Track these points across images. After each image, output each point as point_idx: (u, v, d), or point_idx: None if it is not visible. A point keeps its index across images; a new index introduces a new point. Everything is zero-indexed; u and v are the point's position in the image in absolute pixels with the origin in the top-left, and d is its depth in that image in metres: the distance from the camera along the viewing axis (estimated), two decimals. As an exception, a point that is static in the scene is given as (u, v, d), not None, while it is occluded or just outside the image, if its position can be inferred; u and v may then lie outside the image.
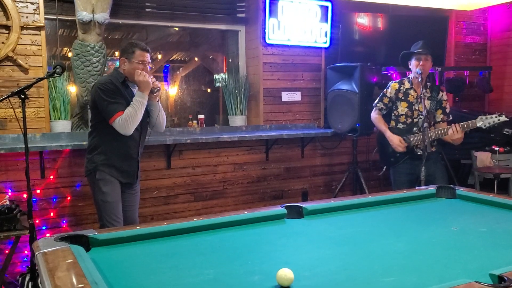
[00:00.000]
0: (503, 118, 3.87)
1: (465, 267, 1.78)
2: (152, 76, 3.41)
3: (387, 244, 2.09)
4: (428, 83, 4.24)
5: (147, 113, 3.50)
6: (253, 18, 5.38)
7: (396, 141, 4.18)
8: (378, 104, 4.38)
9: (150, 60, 3.44)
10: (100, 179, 3.35)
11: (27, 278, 3.49)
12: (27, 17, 4.16)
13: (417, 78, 4.10)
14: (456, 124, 3.97)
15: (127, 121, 3.22)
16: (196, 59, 7.36)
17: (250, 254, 1.98)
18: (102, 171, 3.35)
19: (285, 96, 5.47)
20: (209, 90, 6.93)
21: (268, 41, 5.25)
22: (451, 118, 4.27)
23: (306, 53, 5.52)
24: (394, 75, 5.67)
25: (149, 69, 3.42)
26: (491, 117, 3.90)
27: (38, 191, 4.19)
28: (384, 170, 4.53)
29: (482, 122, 3.91)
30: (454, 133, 3.95)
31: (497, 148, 4.98)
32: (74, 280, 1.55)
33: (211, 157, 4.99)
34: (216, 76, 6.09)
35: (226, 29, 5.56)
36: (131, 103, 3.28)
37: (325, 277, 1.72)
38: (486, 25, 6.62)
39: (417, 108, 4.16)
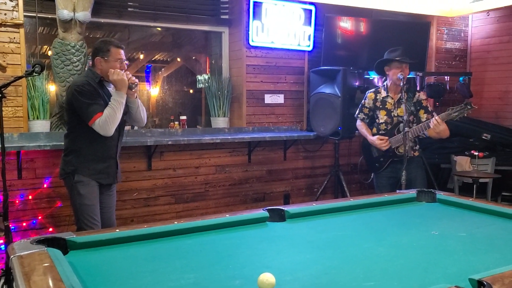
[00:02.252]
0: (470, 106, 3.87)
1: (445, 272, 1.78)
2: (128, 72, 3.34)
3: (368, 248, 2.09)
4: (404, 86, 4.26)
5: (125, 112, 3.43)
6: (236, 20, 5.37)
7: (376, 141, 4.23)
8: (359, 115, 4.45)
9: (125, 57, 3.37)
10: (78, 182, 3.27)
11: (2, 281, 3.41)
12: (5, 14, 4.08)
13: (398, 84, 4.12)
14: (436, 116, 3.98)
15: (107, 122, 3.16)
16: (178, 59, 7.31)
17: (231, 258, 1.96)
18: (81, 173, 3.27)
19: (268, 99, 5.47)
20: (191, 91, 6.89)
21: (251, 43, 5.24)
22: (435, 116, 4.28)
23: (290, 56, 5.53)
24: (376, 79, 5.72)
25: (125, 66, 3.35)
26: (460, 107, 3.89)
27: (15, 192, 4.11)
28: (372, 177, 4.56)
29: (451, 113, 3.92)
30: (437, 124, 3.94)
31: (476, 153, 5.04)
32: (51, 285, 1.51)
33: (193, 159, 4.96)
34: (199, 77, 6.06)
35: (210, 30, 5.54)
36: (109, 103, 3.21)
37: (307, 281, 1.72)
38: (466, 32, 6.72)
39: (396, 114, 4.20)
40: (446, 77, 6.21)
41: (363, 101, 4.41)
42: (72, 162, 3.29)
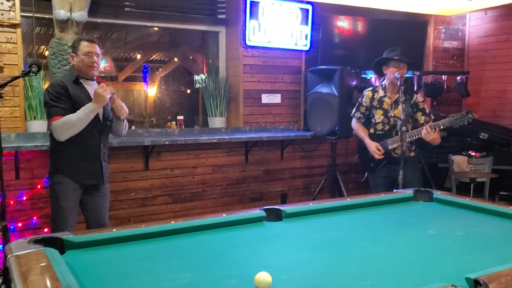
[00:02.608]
0: (471, 115, 3.93)
1: (441, 271, 1.79)
2: (120, 102, 3.32)
3: (365, 248, 2.09)
4: (402, 87, 4.27)
5: (108, 115, 3.38)
6: (233, 20, 5.37)
7: (373, 148, 4.20)
8: (356, 114, 4.42)
9: (99, 52, 3.28)
10: (57, 182, 3.23)
11: (0, 281, 3.41)
12: (2, 14, 4.07)
13: (396, 83, 4.12)
14: (428, 126, 4.01)
15: (62, 127, 3.09)
16: (175, 59, 7.32)
17: (227, 258, 1.96)
18: (61, 174, 3.22)
19: (265, 98, 5.47)
20: (188, 91, 6.90)
21: (248, 43, 5.24)
22: (432, 117, 4.31)
23: (287, 56, 5.53)
24: (373, 78, 5.72)
25: (96, 59, 3.24)
26: (460, 115, 3.95)
27: (13, 192, 4.10)
28: (366, 176, 4.56)
29: (452, 119, 3.96)
30: (428, 134, 3.98)
31: (473, 154, 5.04)
32: (48, 284, 1.51)
33: (190, 158, 4.96)
34: (196, 77, 6.06)
35: (207, 30, 5.54)
36: (77, 111, 3.13)
37: (303, 281, 1.71)
38: (464, 31, 6.72)
39: (392, 115, 4.20)
40: (443, 76, 6.21)
41: (360, 99, 4.40)
42: (54, 162, 3.27)
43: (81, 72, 3.25)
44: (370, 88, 4.40)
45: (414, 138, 4.09)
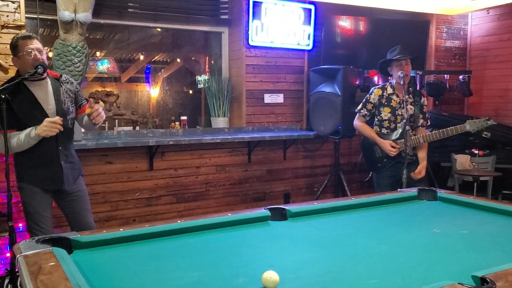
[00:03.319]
0: (491, 122, 3.98)
1: (447, 269, 1.80)
2: (102, 112, 3.10)
3: (370, 247, 2.10)
4: (410, 88, 4.27)
5: (66, 112, 3.18)
6: (236, 20, 5.38)
7: (388, 147, 4.14)
8: (362, 111, 4.31)
9: (40, 47, 3.08)
10: (20, 188, 3.20)
11: (6, 281, 3.43)
12: (7, 16, 4.08)
13: (400, 82, 4.12)
14: (423, 169, 4.11)
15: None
16: (178, 60, 7.32)
17: (234, 257, 1.97)
18: (22, 180, 3.17)
19: (268, 98, 5.48)
20: (191, 92, 6.91)
21: (251, 43, 5.25)
22: (429, 123, 4.34)
23: (289, 55, 5.54)
24: (377, 78, 5.73)
25: (38, 56, 3.03)
26: (479, 121, 3.99)
27: (16, 192, 4.11)
28: (370, 175, 4.55)
29: (470, 126, 3.99)
30: (416, 174, 4.10)
31: (476, 151, 5.05)
32: (58, 283, 1.52)
33: (194, 158, 4.97)
34: (199, 78, 6.08)
35: (209, 30, 5.55)
36: (19, 135, 3.00)
37: (310, 279, 1.73)
38: (466, 30, 6.73)
39: (400, 113, 4.17)
40: (445, 75, 6.22)
41: (368, 96, 4.30)
42: (16, 169, 3.20)
43: (24, 74, 3.03)
44: (379, 86, 4.34)
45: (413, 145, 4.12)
